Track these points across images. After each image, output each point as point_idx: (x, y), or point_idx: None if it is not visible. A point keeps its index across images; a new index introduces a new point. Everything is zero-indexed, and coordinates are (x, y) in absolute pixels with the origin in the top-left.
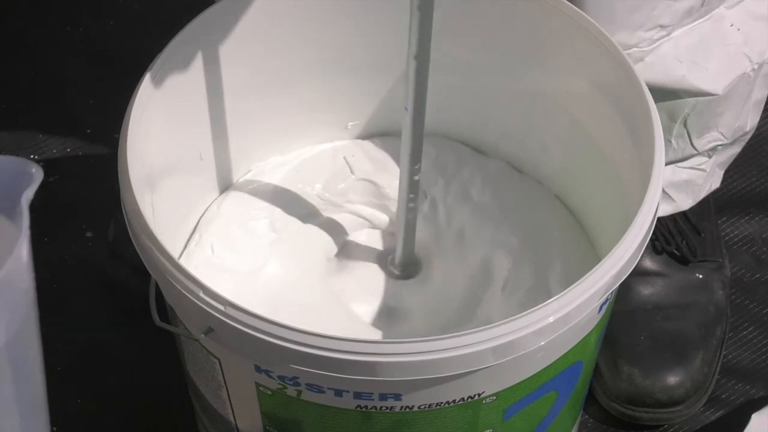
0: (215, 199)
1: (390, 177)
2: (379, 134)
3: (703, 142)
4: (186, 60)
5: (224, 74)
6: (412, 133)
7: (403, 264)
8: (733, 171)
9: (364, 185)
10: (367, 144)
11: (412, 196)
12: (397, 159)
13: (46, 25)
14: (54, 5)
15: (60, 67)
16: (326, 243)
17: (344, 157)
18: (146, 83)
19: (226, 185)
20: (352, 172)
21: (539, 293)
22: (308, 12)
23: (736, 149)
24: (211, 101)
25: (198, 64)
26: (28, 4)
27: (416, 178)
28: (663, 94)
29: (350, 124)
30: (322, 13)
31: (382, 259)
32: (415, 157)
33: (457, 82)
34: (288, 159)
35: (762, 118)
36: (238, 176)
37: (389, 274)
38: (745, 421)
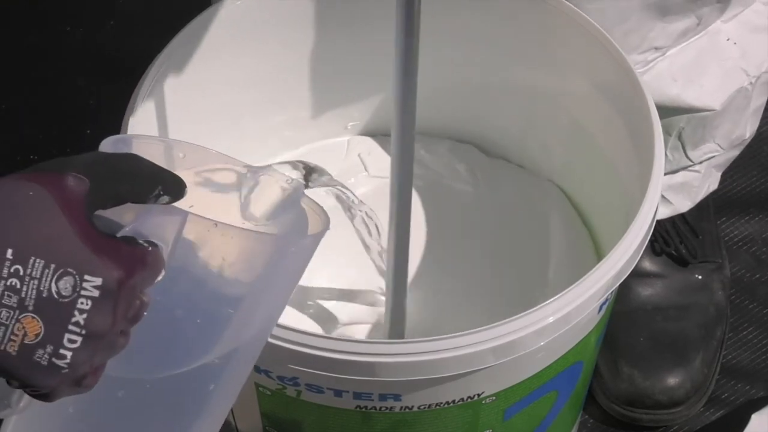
0: None
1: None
2: (378, 133)
3: (698, 153)
4: (186, 60)
5: (223, 75)
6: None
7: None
8: (733, 171)
9: (363, 183)
10: (367, 142)
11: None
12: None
13: (47, 26)
14: (54, 5)
15: (60, 67)
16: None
17: (359, 155)
18: (146, 83)
19: None
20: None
21: (539, 292)
22: (308, 12)
23: (734, 153)
24: (210, 101)
25: (197, 64)
26: (29, 4)
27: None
28: (658, 111)
29: (350, 124)
30: (322, 13)
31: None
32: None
33: (458, 81)
34: (287, 159)
35: (761, 119)
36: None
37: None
38: (745, 421)
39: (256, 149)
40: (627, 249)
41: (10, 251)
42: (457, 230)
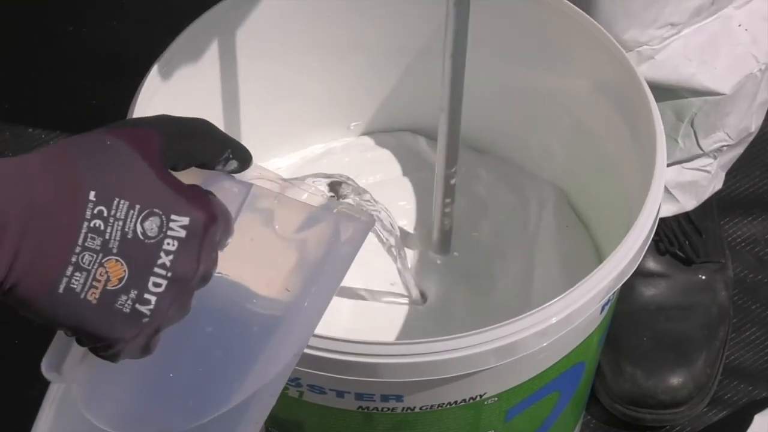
0: None
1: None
2: (379, 131)
3: (709, 142)
4: (188, 59)
5: (227, 75)
6: (448, 136)
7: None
8: (736, 172)
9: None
10: (369, 141)
11: (448, 200)
12: (399, 155)
13: (49, 25)
14: (57, 5)
15: (63, 66)
16: None
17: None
18: (149, 83)
19: None
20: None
21: (541, 293)
22: (310, 13)
23: (739, 150)
24: (213, 101)
25: (200, 64)
26: (31, 3)
27: (453, 182)
28: (671, 92)
29: (353, 124)
30: (324, 14)
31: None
32: (452, 159)
33: None
34: (290, 160)
35: (766, 119)
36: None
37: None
38: (748, 421)
39: (258, 149)
40: (629, 250)
41: (92, 193)
42: (458, 231)
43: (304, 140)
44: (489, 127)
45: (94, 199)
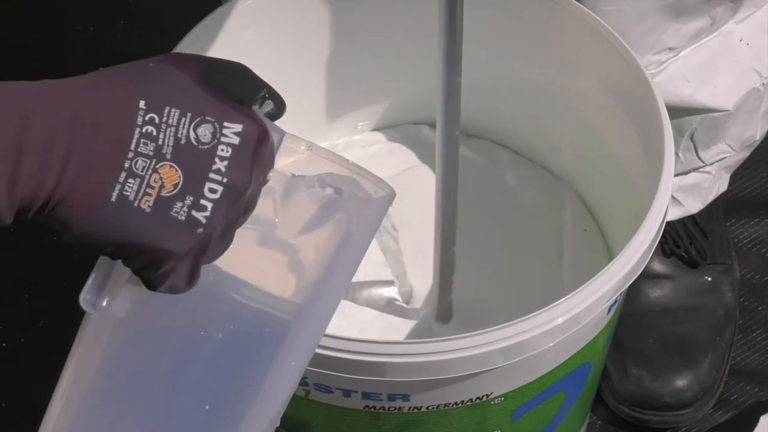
0: None
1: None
2: (386, 127)
3: (710, 154)
4: None
5: None
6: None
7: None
8: (742, 173)
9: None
10: (372, 137)
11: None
12: (406, 146)
13: (57, 25)
14: (64, 5)
15: (71, 66)
16: None
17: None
18: None
19: None
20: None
21: (549, 292)
22: (317, 13)
23: (744, 154)
24: None
25: None
26: (39, 3)
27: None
28: (671, 112)
29: (360, 124)
30: (330, 14)
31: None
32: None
33: (467, 81)
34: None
35: None
36: None
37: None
38: (754, 423)
39: None
40: (636, 251)
41: (142, 102)
42: (469, 226)
43: (311, 139)
44: (497, 125)
45: (144, 107)
